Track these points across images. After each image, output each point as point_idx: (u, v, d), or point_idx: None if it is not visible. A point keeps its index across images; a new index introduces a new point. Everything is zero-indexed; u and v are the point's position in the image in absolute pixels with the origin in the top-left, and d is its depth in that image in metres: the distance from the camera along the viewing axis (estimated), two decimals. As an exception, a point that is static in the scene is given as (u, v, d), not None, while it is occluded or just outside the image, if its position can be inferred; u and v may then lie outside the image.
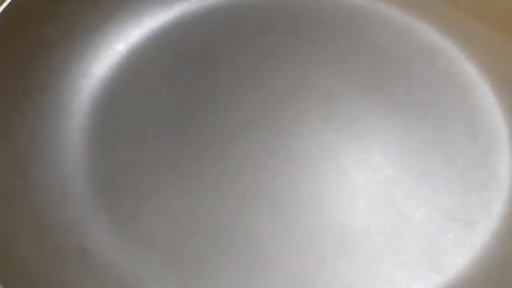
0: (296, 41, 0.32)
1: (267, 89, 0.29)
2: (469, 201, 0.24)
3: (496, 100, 0.28)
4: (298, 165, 0.26)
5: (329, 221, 0.24)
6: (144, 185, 0.25)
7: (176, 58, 0.31)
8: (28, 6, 0.26)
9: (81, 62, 0.29)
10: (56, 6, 0.27)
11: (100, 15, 0.30)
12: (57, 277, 0.20)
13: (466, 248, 0.23)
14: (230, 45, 0.32)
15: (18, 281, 0.17)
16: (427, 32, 0.32)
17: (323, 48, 0.31)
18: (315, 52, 0.31)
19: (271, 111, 0.29)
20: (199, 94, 0.29)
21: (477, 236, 0.23)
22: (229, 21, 0.33)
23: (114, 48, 0.30)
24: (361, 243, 0.23)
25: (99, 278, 0.21)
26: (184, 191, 0.25)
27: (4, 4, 0.25)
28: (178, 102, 0.29)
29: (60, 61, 0.28)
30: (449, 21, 0.32)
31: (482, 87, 0.29)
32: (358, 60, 0.30)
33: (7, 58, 0.25)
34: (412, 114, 0.28)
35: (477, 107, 0.28)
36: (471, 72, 0.30)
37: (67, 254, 0.21)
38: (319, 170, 0.26)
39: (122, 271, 0.22)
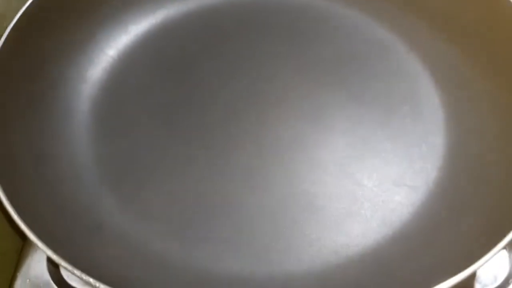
0: (268, 41, 0.37)
1: (243, 86, 0.34)
2: (411, 170, 0.30)
3: (436, 88, 0.34)
4: (274, 147, 0.31)
5: (300, 191, 0.29)
6: (142, 169, 0.30)
7: (161, 60, 0.35)
8: (33, 22, 0.30)
9: (79, 68, 0.33)
10: (55, 21, 0.31)
11: (92, 26, 0.34)
12: (83, 245, 0.24)
13: (409, 207, 0.28)
14: (208, 46, 0.36)
15: (57, 250, 0.21)
16: (380, 31, 0.37)
17: (291, 48, 0.36)
18: (285, 51, 0.36)
19: (247, 105, 0.33)
20: (183, 90, 0.34)
21: (417, 197, 0.29)
22: (206, 25, 0.37)
23: (106, 54, 0.34)
24: (326, 207, 0.28)
25: (113, 245, 0.26)
26: (176, 172, 0.30)
27: (14, 20, 0.28)
28: (166, 98, 0.33)
29: (61, 68, 0.32)
30: (399, 22, 0.37)
31: (424, 77, 0.34)
32: (320, 57, 0.35)
33: (19, 66, 0.29)
34: (366, 102, 0.33)
35: (420, 94, 0.33)
36: (415, 65, 0.35)
37: (88, 229, 0.26)
38: (291, 151, 0.31)
39: (131, 238, 0.27)
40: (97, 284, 0.21)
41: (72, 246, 0.24)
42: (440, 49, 0.35)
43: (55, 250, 0.21)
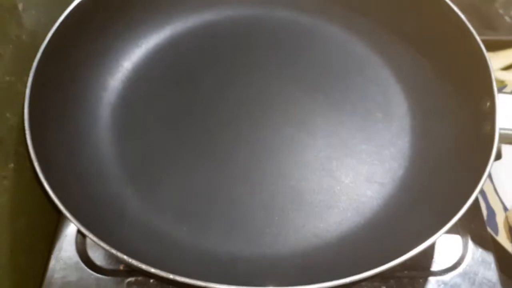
0: (260, 54, 0.42)
1: (240, 95, 0.39)
2: (382, 169, 0.35)
3: (405, 98, 0.39)
4: (265, 149, 0.36)
5: (288, 186, 0.34)
6: (156, 166, 0.35)
7: (170, 70, 0.40)
8: (61, 41, 0.34)
9: (99, 78, 0.38)
10: (79, 38, 0.36)
11: (109, 42, 0.39)
12: (109, 229, 0.29)
13: (378, 200, 0.34)
14: (209, 58, 0.41)
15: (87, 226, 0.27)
16: (359, 47, 0.42)
17: (280, 60, 0.41)
18: (275, 63, 0.41)
19: (243, 111, 0.38)
20: (189, 98, 0.39)
21: (386, 191, 0.34)
22: (208, 38, 0.42)
23: (122, 65, 0.39)
24: (309, 199, 0.34)
25: (134, 230, 0.31)
26: (184, 169, 0.35)
27: (46, 40, 0.33)
28: (174, 104, 0.38)
29: (85, 78, 0.37)
30: (376, 38, 0.42)
31: (395, 89, 0.40)
32: (306, 69, 0.40)
33: (51, 78, 0.33)
34: (345, 109, 0.38)
35: (391, 104, 0.39)
36: (389, 78, 0.40)
37: (114, 218, 0.31)
38: (280, 152, 0.36)
39: (149, 225, 0.32)
40: (119, 254, 0.26)
41: (100, 229, 0.29)
42: (410, 64, 0.40)
43: (84, 224, 0.27)
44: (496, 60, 0.51)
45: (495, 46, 0.51)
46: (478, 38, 0.34)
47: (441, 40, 0.38)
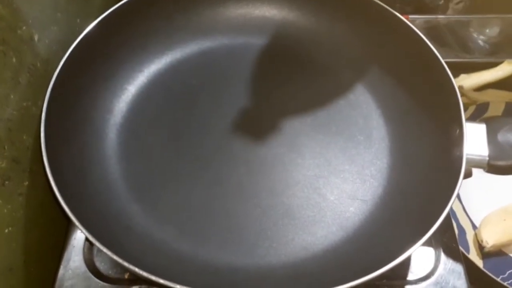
0: (253, 78, 0.45)
1: (235, 115, 0.42)
2: (363, 187, 0.39)
3: (384, 123, 0.43)
4: (258, 167, 0.40)
5: (279, 202, 0.38)
6: (159, 183, 0.38)
7: (170, 93, 0.44)
8: (72, 66, 0.37)
9: (105, 101, 0.41)
10: (88, 65, 0.39)
11: (114, 67, 0.42)
12: (117, 240, 0.32)
13: (360, 216, 0.37)
14: (207, 81, 0.45)
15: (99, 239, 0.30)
16: (344, 75, 0.45)
17: (272, 85, 0.45)
18: (267, 88, 0.45)
19: (238, 131, 0.42)
20: (188, 118, 0.42)
21: (367, 208, 0.38)
22: (205, 64, 0.46)
23: (126, 89, 0.43)
24: (298, 215, 0.37)
25: (139, 241, 0.34)
26: (185, 186, 0.38)
27: (59, 66, 0.36)
28: (175, 124, 0.41)
29: (92, 101, 0.40)
30: (359, 66, 0.46)
31: (376, 113, 0.43)
32: (296, 94, 0.44)
33: (62, 100, 0.36)
34: (330, 132, 0.42)
35: (372, 127, 0.42)
36: (370, 103, 0.44)
37: (119, 229, 0.34)
38: (271, 170, 0.40)
39: (153, 237, 0.35)
40: (125, 263, 0.29)
41: (107, 240, 0.31)
42: (388, 90, 0.44)
43: (94, 235, 0.29)
44: (469, 81, 0.54)
45: (470, 67, 0.55)
46: (448, 70, 0.38)
47: (415, 69, 0.42)
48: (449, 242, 0.39)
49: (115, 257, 0.29)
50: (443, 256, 0.38)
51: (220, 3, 0.47)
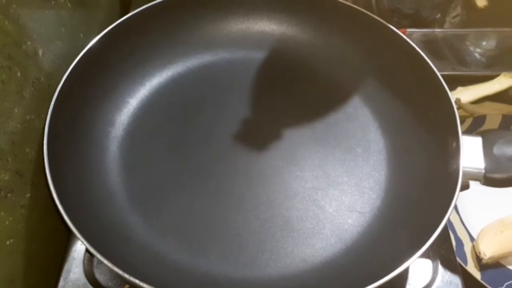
0: (253, 91, 0.46)
1: (235, 126, 0.43)
2: (361, 199, 0.39)
3: (381, 135, 0.43)
4: (258, 179, 0.40)
5: (278, 214, 0.38)
6: (159, 194, 0.38)
7: (171, 106, 0.44)
8: (75, 80, 0.38)
9: (107, 114, 0.41)
10: (90, 78, 0.40)
11: (116, 80, 0.43)
12: (117, 252, 0.33)
13: (358, 228, 0.38)
14: (207, 94, 0.45)
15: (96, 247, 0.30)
16: (343, 89, 0.46)
17: (271, 98, 0.45)
18: (266, 101, 0.45)
19: (238, 142, 0.42)
20: (189, 131, 0.42)
21: (365, 220, 0.38)
22: (205, 77, 0.47)
23: (128, 102, 0.43)
24: (297, 227, 0.37)
25: (139, 253, 0.34)
26: (186, 198, 0.38)
27: (63, 80, 0.37)
28: (175, 137, 0.42)
29: (94, 114, 0.40)
30: (357, 80, 0.46)
31: (373, 126, 0.44)
32: (295, 108, 0.45)
33: (65, 113, 0.37)
34: (329, 144, 0.42)
35: (370, 140, 0.43)
36: (368, 116, 0.44)
37: (120, 241, 0.34)
38: (271, 182, 0.40)
39: (153, 248, 0.35)
40: (125, 275, 0.29)
41: (108, 252, 0.32)
42: (386, 104, 0.44)
43: (94, 246, 0.30)
44: (466, 94, 0.55)
45: (467, 80, 0.56)
46: (445, 84, 0.39)
47: (412, 83, 0.43)
48: (446, 254, 0.39)
49: (115, 269, 0.29)
50: (440, 268, 0.38)
51: (220, 18, 0.47)
